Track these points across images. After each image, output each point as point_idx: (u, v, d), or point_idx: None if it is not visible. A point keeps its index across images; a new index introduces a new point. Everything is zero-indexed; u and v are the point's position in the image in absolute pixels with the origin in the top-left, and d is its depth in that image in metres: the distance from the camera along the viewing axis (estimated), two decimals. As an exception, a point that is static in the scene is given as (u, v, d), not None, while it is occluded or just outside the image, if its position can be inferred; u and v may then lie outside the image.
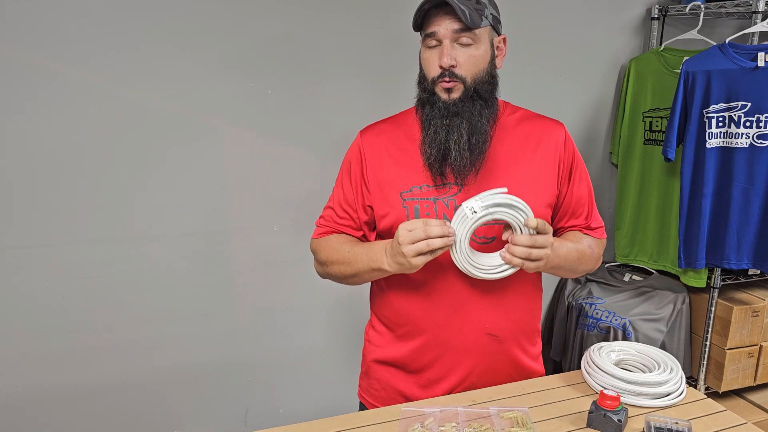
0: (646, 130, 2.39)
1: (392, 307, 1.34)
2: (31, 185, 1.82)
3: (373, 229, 1.36)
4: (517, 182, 1.27)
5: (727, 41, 2.10)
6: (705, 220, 2.17)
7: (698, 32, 2.27)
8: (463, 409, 1.22)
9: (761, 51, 2.02)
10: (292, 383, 2.27)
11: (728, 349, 2.27)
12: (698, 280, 2.25)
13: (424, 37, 1.22)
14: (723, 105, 2.09)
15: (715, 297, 2.28)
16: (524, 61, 2.27)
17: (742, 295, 2.35)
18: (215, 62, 1.93)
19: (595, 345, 1.40)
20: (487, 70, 1.24)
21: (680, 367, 1.33)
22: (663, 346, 2.24)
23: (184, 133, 1.94)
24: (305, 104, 2.05)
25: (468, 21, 1.16)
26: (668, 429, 1.15)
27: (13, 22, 1.71)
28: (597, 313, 2.32)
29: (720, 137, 2.13)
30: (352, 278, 1.30)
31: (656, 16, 2.43)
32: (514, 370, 1.36)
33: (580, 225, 1.38)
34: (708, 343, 2.32)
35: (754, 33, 2.11)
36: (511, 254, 1.15)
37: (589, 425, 1.18)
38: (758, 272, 2.33)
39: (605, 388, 1.22)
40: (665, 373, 1.29)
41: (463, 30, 1.18)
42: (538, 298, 1.38)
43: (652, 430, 1.15)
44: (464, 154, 1.22)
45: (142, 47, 1.84)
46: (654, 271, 2.45)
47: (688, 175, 2.18)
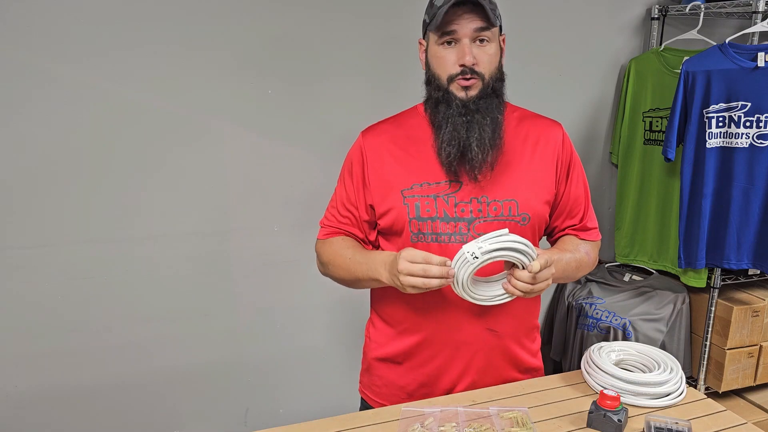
0: (646, 130, 2.39)
1: (392, 304, 1.35)
2: (31, 185, 1.82)
3: (375, 228, 1.37)
4: (517, 181, 1.28)
5: (727, 41, 2.10)
6: (705, 220, 2.17)
7: (698, 32, 2.27)
8: (463, 409, 1.22)
9: (761, 51, 2.02)
10: (292, 383, 2.27)
11: (728, 349, 2.27)
12: (698, 280, 2.25)
13: (440, 35, 1.22)
14: (723, 105, 2.09)
15: (715, 297, 2.28)
16: (524, 61, 2.27)
17: (742, 295, 2.35)
18: (215, 62, 1.93)
19: (595, 345, 1.40)
20: (498, 67, 1.27)
21: (680, 367, 1.33)
22: (663, 346, 2.24)
23: (184, 133, 1.94)
24: (305, 104, 2.05)
25: (492, 19, 1.19)
26: (668, 429, 1.15)
27: (14, 22, 1.71)
28: (597, 313, 2.32)
29: (720, 137, 2.13)
30: (352, 284, 1.33)
31: (656, 16, 2.43)
32: (513, 365, 1.37)
33: (577, 225, 1.39)
34: (708, 343, 2.32)
35: (754, 33, 2.11)
36: (513, 287, 1.16)
37: (589, 425, 1.18)
38: (758, 272, 2.32)
39: (605, 388, 1.22)
40: (665, 373, 1.29)
41: (483, 29, 1.20)
42: (537, 295, 1.39)
43: (652, 430, 1.15)
44: (486, 150, 1.24)
45: (143, 47, 1.84)
46: (654, 271, 2.45)
47: (688, 175, 2.18)
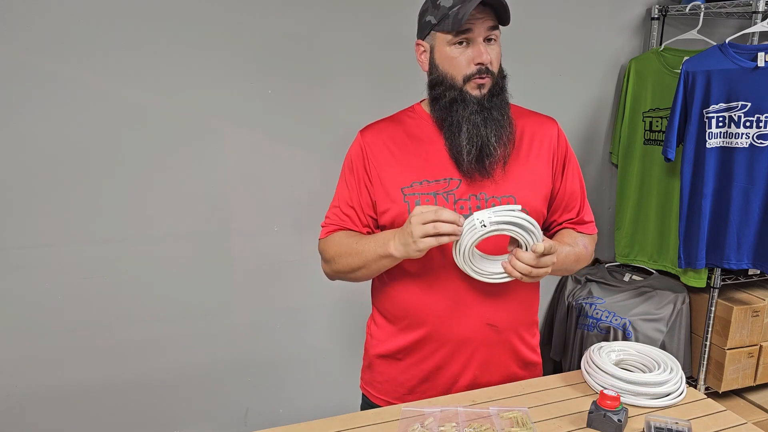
0: (646, 130, 2.39)
1: (393, 300, 1.36)
2: (31, 185, 1.82)
3: (377, 225, 1.37)
4: (514, 178, 1.30)
5: (727, 41, 2.10)
6: (705, 220, 2.17)
7: (698, 32, 2.27)
8: (463, 409, 1.22)
9: (761, 51, 2.02)
10: (292, 383, 2.27)
11: (728, 349, 2.27)
12: (698, 280, 2.24)
13: (455, 35, 1.22)
14: (723, 105, 2.09)
15: (715, 297, 2.28)
16: (524, 61, 2.27)
17: (742, 295, 2.35)
18: (215, 62, 1.93)
19: (595, 345, 1.40)
20: (501, 64, 1.29)
21: (680, 367, 1.33)
22: (663, 346, 2.24)
23: (184, 133, 1.94)
24: (306, 104, 2.05)
25: (508, 19, 1.21)
26: (668, 429, 1.15)
27: (14, 22, 1.71)
28: (597, 313, 2.32)
29: (720, 137, 2.13)
30: (359, 270, 1.30)
31: (656, 16, 2.43)
32: (514, 360, 1.38)
33: (574, 218, 1.40)
34: (708, 343, 2.32)
35: (754, 33, 2.11)
36: (512, 267, 1.17)
37: (589, 425, 1.18)
38: (758, 272, 2.32)
39: (605, 388, 1.22)
40: (665, 373, 1.29)
41: (494, 27, 1.23)
42: (536, 290, 1.41)
43: (652, 430, 1.15)
44: (504, 146, 1.26)
45: (143, 47, 1.84)
46: (654, 271, 2.45)
47: (688, 175, 2.18)
